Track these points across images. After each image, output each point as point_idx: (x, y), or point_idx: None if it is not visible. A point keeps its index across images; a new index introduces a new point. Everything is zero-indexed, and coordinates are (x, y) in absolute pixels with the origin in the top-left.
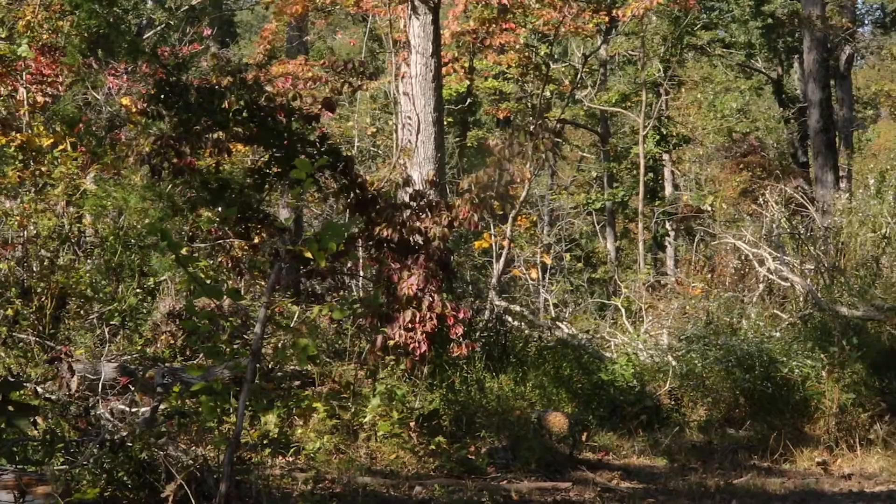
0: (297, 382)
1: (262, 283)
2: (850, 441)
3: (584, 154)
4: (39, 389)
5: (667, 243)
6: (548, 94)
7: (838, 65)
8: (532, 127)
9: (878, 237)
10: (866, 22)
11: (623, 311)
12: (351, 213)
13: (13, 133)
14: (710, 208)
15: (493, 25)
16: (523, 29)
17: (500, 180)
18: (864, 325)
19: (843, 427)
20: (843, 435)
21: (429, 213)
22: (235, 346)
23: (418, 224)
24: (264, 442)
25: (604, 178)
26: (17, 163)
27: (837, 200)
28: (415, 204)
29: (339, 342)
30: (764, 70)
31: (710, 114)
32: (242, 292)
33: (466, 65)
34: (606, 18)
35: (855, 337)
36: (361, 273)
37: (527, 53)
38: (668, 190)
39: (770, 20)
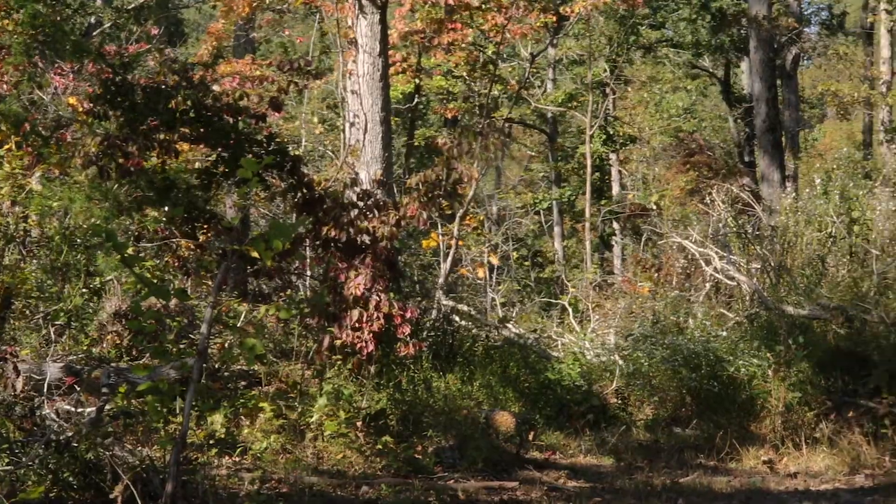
0: (243, 382)
1: (209, 282)
2: (796, 440)
3: (532, 153)
4: None
5: (614, 243)
6: (496, 93)
7: (784, 64)
8: (481, 126)
9: (824, 236)
10: (813, 22)
11: (570, 310)
12: (298, 213)
13: None
14: (655, 206)
15: (440, 25)
16: (470, 30)
17: (447, 179)
18: (809, 324)
19: (788, 426)
20: (789, 434)
21: (376, 213)
22: (182, 346)
23: (365, 224)
24: (211, 442)
25: (551, 178)
26: None
27: (784, 200)
28: (362, 203)
29: (286, 342)
30: (710, 69)
31: (657, 114)
32: (189, 292)
33: (414, 63)
34: (554, 18)
35: (801, 336)
36: (309, 273)
37: (474, 53)
38: (616, 189)
39: (718, 19)
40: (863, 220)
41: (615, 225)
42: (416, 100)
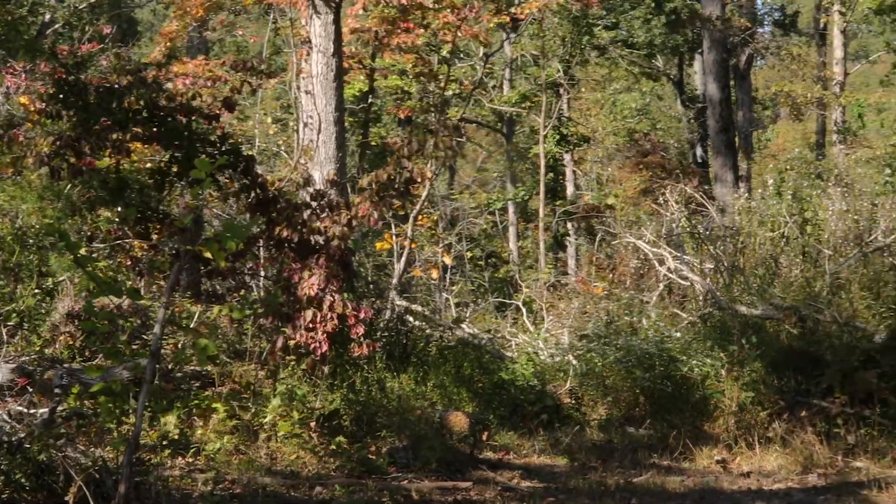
0: (196, 383)
1: (162, 283)
2: (749, 439)
3: (487, 153)
4: None
5: (567, 243)
6: (449, 93)
7: (738, 65)
8: (431, 125)
9: (777, 237)
10: (766, 22)
11: (524, 310)
12: (251, 213)
13: None
14: (610, 207)
15: (392, 25)
16: (422, 30)
17: (399, 178)
18: (762, 324)
19: (742, 425)
20: (742, 433)
21: (329, 213)
22: (135, 347)
23: (318, 224)
24: (164, 443)
25: (507, 178)
26: None
27: (737, 200)
28: (315, 204)
29: (240, 342)
30: (664, 70)
31: (611, 115)
32: (142, 292)
33: (367, 63)
34: (507, 19)
35: (754, 336)
36: (262, 273)
37: (426, 55)
38: (570, 190)
39: (671, 19)
40: (815, 221)
41: (569, 225)
42: (370, 99)
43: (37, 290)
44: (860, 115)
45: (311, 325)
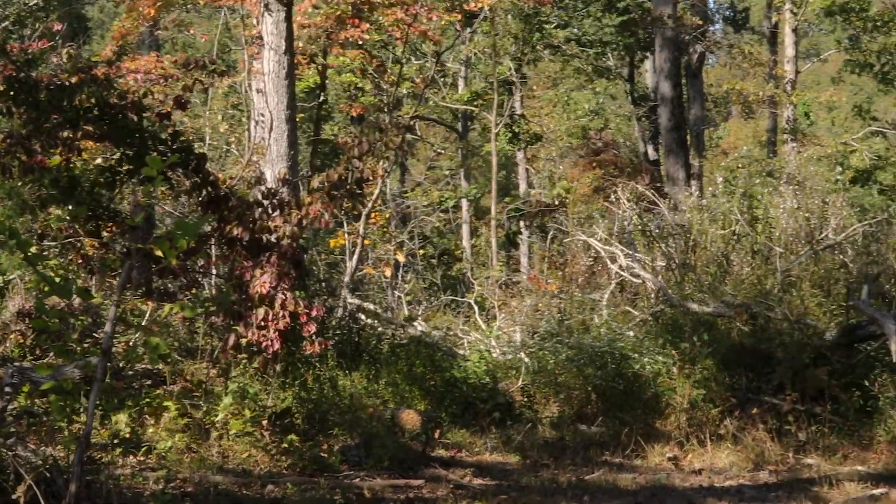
0: (148, 381)
1: (113, 281)
2: (701, 436)
3: (440, 151)
4: None
5: (520, 241)
6: (403, 91)
7: (690, 63)
8: (381, 123)
9: (728, 234)
10: (717, 20)
11: (476, 308)
12: (203, 211)
13: None
14: (558, 198)
15: (341, 22)
16: (369, 26)
17: (350, 178)
18: (714, 322)
19: (693, 422)
20: (694, 430)
21: (280, 212)
22: (86, 345)
23: (269, 223)
24: (115, 441)
25: (461, 176)
26: None
27: (688, 198)
28: (266, 202)
29: (191, 340)
30: (615, 68)
31: (565, 114)
32: (93, 291)
33: (319, 60)
34: (459, 17)
35: (705, 333)
36: (214, 271)
37: (376, 53)
38: (523, 187)
39: (624, 17)
40: (767, 219)
41: (521, 223)
42: (321, 97)
43: None
44: (806, 114)
45: (262, 324)
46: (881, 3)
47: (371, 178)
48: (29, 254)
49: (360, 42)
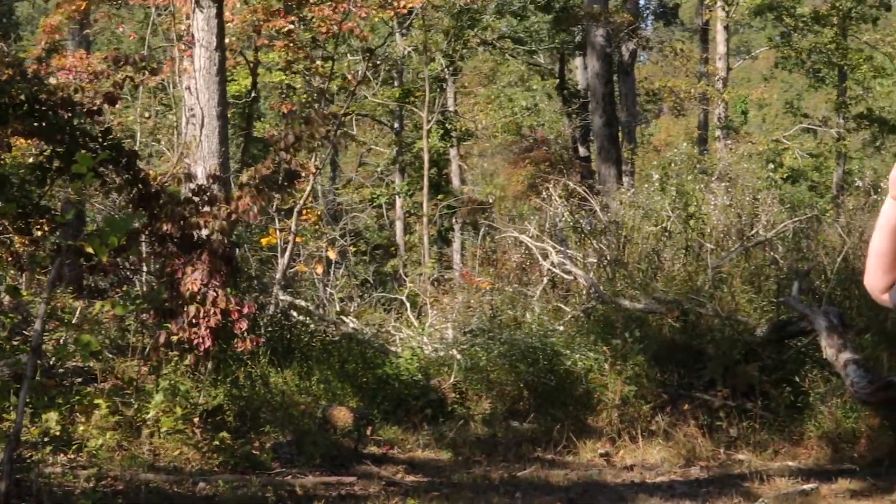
0: (79, 379)
1: (43, 278)
2: (633, 432)
3: (374, 148)
4: None
5: (452, 238)
6: (335, 88)
7: (621, 60)
8: (306, 115)
9: (660, 231)
10: (648, 16)
11: (408, 305)
12: (134, 209)
13: None
14: (490, 198)
15: (271, 15)
16: (296, 18)
17: (278, 171)
18: (645, 318)
19: (625, 419)
20: (626, 426)
21: (210, 208)
22: (15, 343)
23: (198, 219)
24: (45, 439)
25: (395, 173)
26: None
27: (620, 195)
28: (197, 199)
29: (122, 338)
30: (546, 65)
31: (500, 110)
32: (23, 288)
33: (250, 57)
34: (392, 14)
35: (637, 329)
36: (145, 269)
37: (306, 49)
38: (455, 184)
39: (556, 14)
40: (698, 215)
41: (454, 220)
42: (253, 94)
43: None
44: (744, 112)
45: (194, 321)
46: (811, 2)
47: (302, 173)
48: None
49: (287, 31)
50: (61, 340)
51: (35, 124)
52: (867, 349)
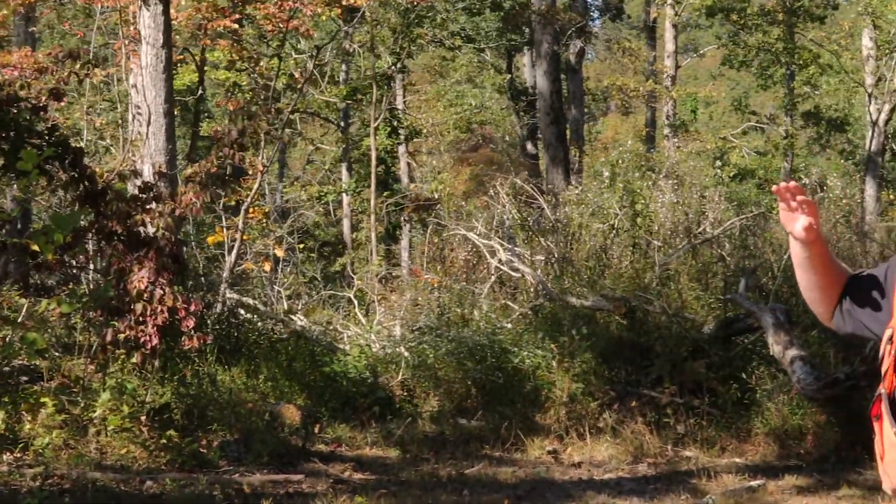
0: (25, 377)
1: None
2: (580, 430)
3: (321, 146)
4: None
5: (400, 235)
6: (281, 86)
7: (569, 58)
8: (250, 111)
9: (608, 228)
10: (595, 13)
11: (356, 302)
12: (80, 206)
13: None
14: (436, 195)
15: (217, 12)
16: (240, 16)
17: (223, 167)
18: (593, 315)
19: (573, 416)
20: (573, 424)
21: (155, 205)
22: None
23: (143, 216)
24: None
25: (342, 170)
26: None
27: (568, 192)
28: (143, 196)
29: (69, 336)
30: (494, 61)
31: (452, 107)
32: None
33: (196, 54)
34: (339, 12)
35: (584, 327)
36: (92, 266)
37: (250, 45)
38: (404, 181)
39: (502, 12)
40: (646, 213)
41: (402, 217)
42: (200, 91)
43: None
44: (693, 110)
45: (141, 319)
46: (760, 1)
47: (249, 171)
48: None
49: (231, 30)
50: (7, 338)
51: None
52: (814, 346)
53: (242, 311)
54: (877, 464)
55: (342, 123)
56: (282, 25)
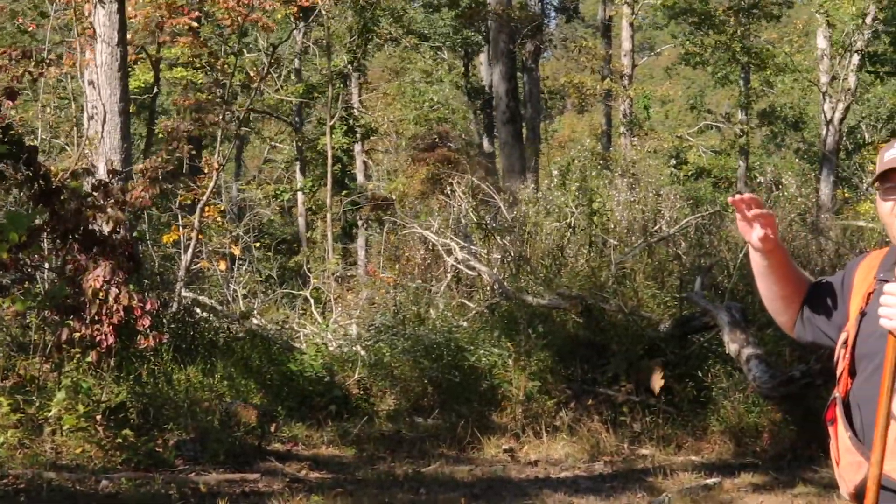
0: None
1: None
2: (537, 428)
3: (277, 145)
4: None
5: (356, 234)
6: (237, 83)
7: (525, 56)
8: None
9: (564, 227)
10: (551, 12)
11: (312, 301)
12: (35, 205)
13: None
14: (393, 195)
15: (173, 11)
16: (198, 14)
17: (172, 161)
18: (549, 314)
19: (529, 414)
20: (530, 422)
21: (105, 201)
22: None
23: (97, 213)
24: None
25: (297, 169)
26: None
27: (524, 191)
28: (97, 194)
29: (24, 335)
30: (450, 60)
31: (408, 106)
32: None
33: (152, 52)
34: (295, 10)
35: (540, 325)
36: (47, 265)
37: (208, 43)
38: (360, 180)
39: (458, 11)
40: (602, 211)
41: (358, 216)
42: (155, 90)
43: None
44: (646, 108)
45: (96, 318)
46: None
47: (205, 169)
48: None
49: (189, 28)
50: None
51: None
52: (769, 344)
53: (198, 310)
54: (832, 467)
55: (295, 121)
56: (240, 19)
